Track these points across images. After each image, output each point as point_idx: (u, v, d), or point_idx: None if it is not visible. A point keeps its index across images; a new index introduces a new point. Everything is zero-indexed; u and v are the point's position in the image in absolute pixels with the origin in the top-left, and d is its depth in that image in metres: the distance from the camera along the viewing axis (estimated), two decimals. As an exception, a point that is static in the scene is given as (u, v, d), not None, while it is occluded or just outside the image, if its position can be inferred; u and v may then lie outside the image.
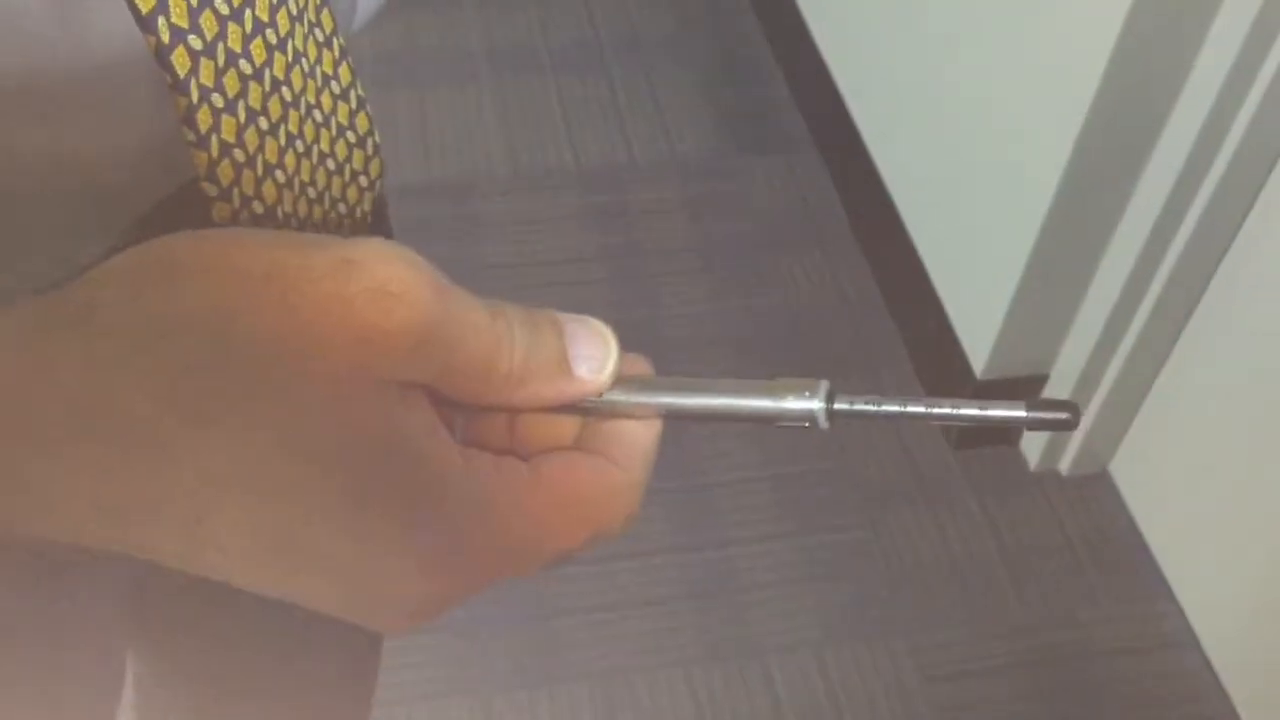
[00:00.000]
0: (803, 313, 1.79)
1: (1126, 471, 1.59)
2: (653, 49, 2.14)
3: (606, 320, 0.34)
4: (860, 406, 0.33)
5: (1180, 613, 1.50)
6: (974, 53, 1.52)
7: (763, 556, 1.53)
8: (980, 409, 0.32)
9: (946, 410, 0.33)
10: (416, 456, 0.30)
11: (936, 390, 1.68)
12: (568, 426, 0.35)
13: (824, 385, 0.33)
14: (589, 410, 0.34)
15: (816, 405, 0.33)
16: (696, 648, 1.45)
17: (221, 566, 0.29)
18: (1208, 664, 1.45)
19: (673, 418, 0.34)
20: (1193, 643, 1.47)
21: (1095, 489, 1.61)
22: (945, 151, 1.62)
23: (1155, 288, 1.39)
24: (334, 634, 0.83)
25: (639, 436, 0.35)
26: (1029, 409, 0.32)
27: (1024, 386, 1.59)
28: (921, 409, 0.33)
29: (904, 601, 1.51)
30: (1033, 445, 1.62)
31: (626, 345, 0.35)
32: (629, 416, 0.34)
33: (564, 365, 0.33)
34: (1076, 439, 1.58)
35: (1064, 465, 1.61)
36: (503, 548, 0.32)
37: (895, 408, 0.33)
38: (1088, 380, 1.51)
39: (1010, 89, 1.45)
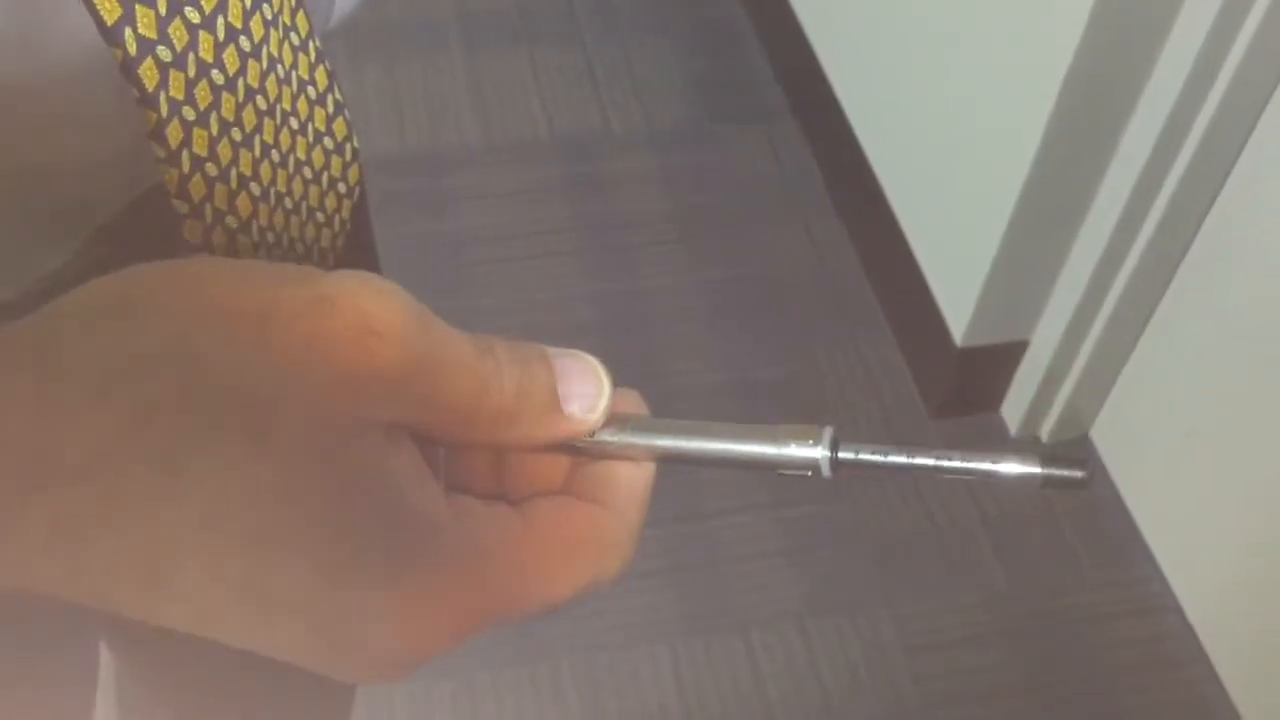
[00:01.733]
0: (782, 282, 1.78)
1: (1108, 437, 1.59)
2: (628, 17, 2.11)
3: (585, 292, 0.33)
4: (866, 456, 0.32)
5: (1162, 577, 1.50)
6: (952, 21, 1.51)
7: (743, 529, 1.53)
8: (993, 463, 0.31)
9: (956, 464, 0.31)
10: (402, 504, 0.28)
11: (917, 360, 1.68)
12: (557, 467, 0.34)
13: (828, 432, 0.32)
14: (581, 450, 0.32)
15: (820, 454, 0.32)
16: (678, 622, 1.45)
17: (188, 618, 0.28)
18: (1190, 628, 1.46)
19: (669, 461, 0.33)
20: (1175, 607, 1.48)
21: (1077, 455, 1.60)
22: (925, 119, 1.61)
23: (1135, 252, 1.39)
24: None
25: (634, 481, 0.33)
26: (1044, 465, 0.31)
27: (1004, 353, 1.58)
28: (930, 461, 0.32)
29: (886, 571, 1.51)
30: (1014, 412, 1.61)
31: (605, 321, 0.34)
32: (623, 458, 0.33)
33: (555, 403, 0.31)
34: (1058, 406, 1.58)
35: (1045, 432, 1.61)
36: (489, 599, 0.30)
37: (902, 459, 0.32)
38: (1068, 345, 1.51)
39: (989, 57, 1.44)
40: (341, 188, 0.42)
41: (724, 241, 1.82)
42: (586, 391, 0.32)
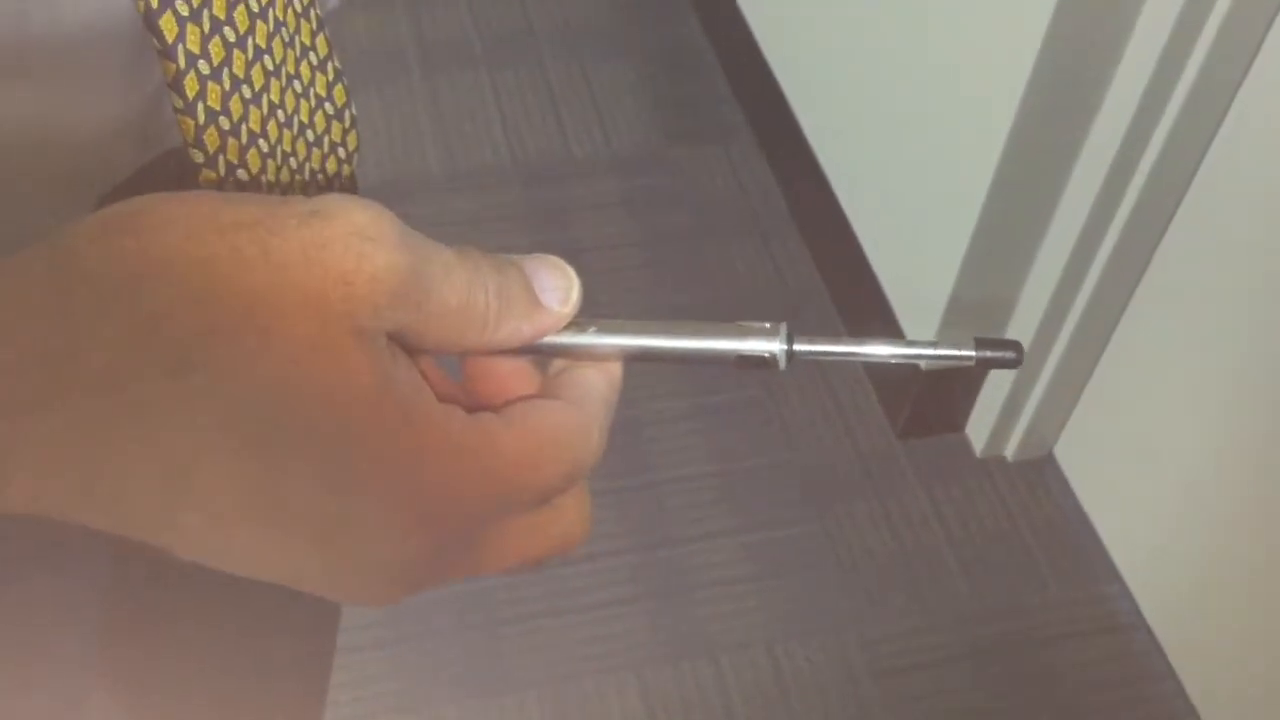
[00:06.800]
0: (745, 304, 1.78)
1: (1072, 455, 1.60)
2: (587, 41, 2.11)
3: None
4: (818, 347, 0.35)
5: (1128, 594, 1.51)
6: (910, 40, 1.52)
7: (711, 554, 1.52)
8: (932, 349, 0.35)
9: (901, 350, 0.35)
10: (403, 409, 0.30)
11: (881, 380, 1.68)
12: (528, 385, 0.36)
13: (784, 326, 0.35)
14: (556, 353, 0.35)
15: (777, 346, 0.35)
16: (647, 648, 1.44)
17: (199, 530, 0.29)
18: (1156, 645, 1.47)
19: (640, 359, 0.36)
20: (1140, 624, 1.48)
21: (1041, 473, 1.61)
22: (884, 139, 1.62)
23: (1094, 273, 1.40)
24: (286, 650, 0.82)
25: (593, 382, 0.35)
26: (977, 348, 0.35)
27: (968, 373, 1.59)
28: (876, 349, 0.35)
29: (853, 594, 1.50)
30: (978, 431, 1.62)
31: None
32: (594, 359, 0.36)
33: (533, 297, 0.34)
34: (1021, 424, 1.58)
35: (1009, 451, 1.62)
36: (483, 499, 0.32)
37: (851, 348, 0.36)
38: (1030, 365, 1.52)
39: (947, 77, 1.44)
40: (341, 153, 0.44)
41: (687, 264, 1.82)
42: (558, 284, 0.34)
